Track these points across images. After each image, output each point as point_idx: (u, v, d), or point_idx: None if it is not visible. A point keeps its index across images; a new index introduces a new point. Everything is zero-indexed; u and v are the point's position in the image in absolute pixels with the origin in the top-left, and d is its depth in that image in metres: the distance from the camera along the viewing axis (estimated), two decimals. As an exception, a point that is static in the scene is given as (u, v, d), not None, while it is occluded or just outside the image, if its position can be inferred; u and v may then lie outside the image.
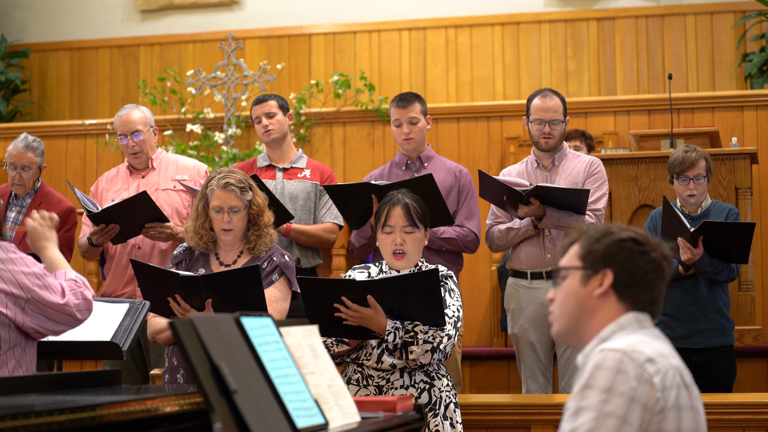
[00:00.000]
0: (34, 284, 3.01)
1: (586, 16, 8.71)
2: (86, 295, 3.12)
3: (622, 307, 2.11)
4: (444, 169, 4.82)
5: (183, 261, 4.03)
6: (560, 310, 2.16)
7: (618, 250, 2.11)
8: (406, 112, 4.78)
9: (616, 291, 2.11)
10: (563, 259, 2.19)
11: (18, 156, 5.27)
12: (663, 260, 2.13)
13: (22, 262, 3.03)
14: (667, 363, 2.01)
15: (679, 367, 2.05)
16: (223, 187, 3.91)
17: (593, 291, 2.11)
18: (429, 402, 3.60)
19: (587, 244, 2.14)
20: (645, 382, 1.95)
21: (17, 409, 2.07)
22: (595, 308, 2.11)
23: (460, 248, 4.71)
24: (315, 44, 9.05)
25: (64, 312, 3.05)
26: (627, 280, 2.10)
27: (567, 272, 2.15)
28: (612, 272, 2.10)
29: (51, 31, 9.53)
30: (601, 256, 2.11)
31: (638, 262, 2.10)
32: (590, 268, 2.12)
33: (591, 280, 2.12)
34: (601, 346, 2.04)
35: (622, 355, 1.97)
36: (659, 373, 1.98)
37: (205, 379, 2.17)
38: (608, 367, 1.96)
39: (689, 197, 4.69)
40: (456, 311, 3.62)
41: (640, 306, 2.12)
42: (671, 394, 1.98)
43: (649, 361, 1.98)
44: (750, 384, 5.79)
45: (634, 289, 2.10)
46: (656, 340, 2.08)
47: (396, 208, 3.70)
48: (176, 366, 3.93)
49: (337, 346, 3.62)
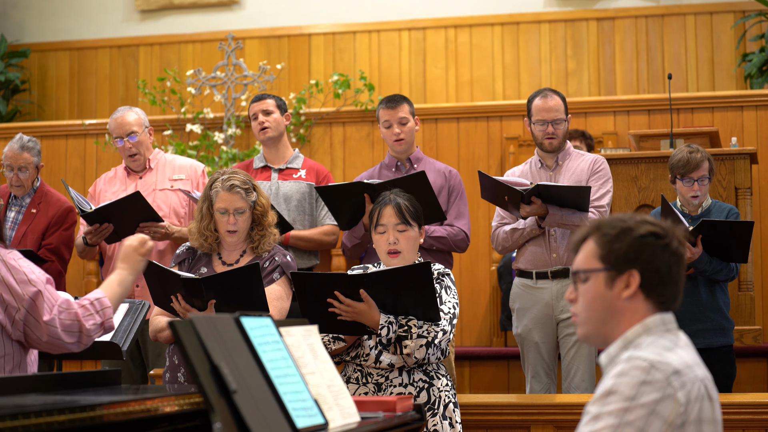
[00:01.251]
0: (27, 293, 2.90)
1: (585, 16, 8.71)
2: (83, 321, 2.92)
3: (649, 306, 2.05)
4: (433, 170, 4.83)
5: (186, 260, 4.04)
6: (586, 314, 2.08)
7: (641, 247, 2.03)
8: (396, 112, 4.81)
9: (644, 291, 2.04)
10: (579, 258, 2.11)
11: (14, 157, 5.26)
12: (681, 247, 2.06)
13: (20, 269, 2.93)
14: (693, 375, 1.96)
15: (705, 378, 2.00)
16: (228, 189, 3.91)
17: (621, 293, 2.04)
18: (428, 401, 3.60)
19: (606, 242, 2.05)
20: (669, 396, 1.91)
21: (17, 409, 2.07)
22: (623, 310, 2.05)
23: (450, 247, 4.72)
24: (315, 44, 9.05)
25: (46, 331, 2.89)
26: (654, 278, 2.03)
27: (588, 274, 2.07)
28: (638, 272, 2.03)
29: (51, 31, 9.53)
30: (624, 255, 2.03)
31: (662, 258, 2.03)
32: (614, 269, 2.04)
33: (617, 281, 2.04)
34: (628, 353, 1.99)
35: (650, 365, 1.92)
36: (684, 387, 1.93)
37: (204, 379, 2.17)
38: (634, 376, 1.92)
39: (692, 198, 4.69)
40: (452, 308, 3.62)
41: (666, 304, 2.06)
42: (694, 407, 1.94)
43: (675, 374, 1.93)
44: (750, 384, 5.79)
45: (661, 287, 2.04)
46: (682, 348, 2.02)
47: (387, 207, 3.71)
48: (177, 365, 3.94)
49: (333, 343, 3.62)
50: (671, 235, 2.05)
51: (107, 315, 2.99)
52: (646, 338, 2.02)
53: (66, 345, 2.95)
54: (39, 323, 2.89)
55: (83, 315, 2.94)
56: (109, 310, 3.00)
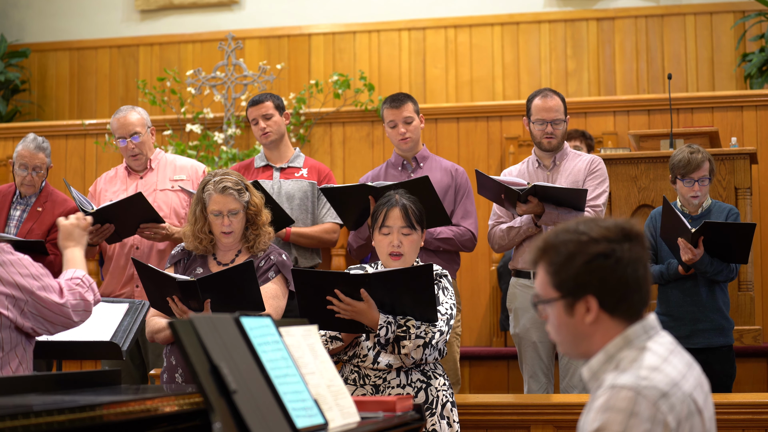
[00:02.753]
0: (33, 285, 3.02)
1: (585, 16, 8.71)
2: (86, 297, 3.12)
3: (618, 322, 1.97)
4: (440, 169, 4.82)
5: (181, 261, 4.03)
6: (558, 337, 2.03)
7: (589, 273, 1.94)
8: (400, 112, 4.80)
9: (606, 310, 1.96)
10: (537, 284, 2.04)
11: (30, 157, 5.26)
12: (636, 248, 1.97)
13: (20, 263, 3.03)
14: (680, 393, 1.90)
15: (692, 391, 1.94)
16: (221, 191, 3.91)
17: (583, 318, 1.97)
18: (426, 401, 3.60)
19: (555, 271, 1.97)
20: (659, 423, 1.84)
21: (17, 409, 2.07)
22: (592, 332, 1.98)
23: (457, 248, 4.72)
24: (315, 44, 9.05)
25: (61, 313, 3.06)
26: (612, 298, 1.95)
27: (548, 303, 2.00)
28: (594, 297, 1.95)
29: (50, 31, 9.53)
30: (575, 283, 1.95)
31: (615, 276, 1.95)
32: (569, 296, 1.96)
33: (575, 307, 1.97)
34: (611, 376, 1.91)
35: (635, 394, 1.84)
36: (673, 409, 1.86)
37: (204, 379, 2.17)
38: (620, 409, 1.84)
39: (693, 198, 4.69)
40: (449, 309, 3.62)
41: (636, 311, 1.99)
42: (685, 428, 1.88)
43: (663, 398, 1.86)
44: (749, 384, 5.79)
45: (624, 302, 1.96)
46: (667, 358, 1.95)
47: (394, 209, 3.69)
48: (174, 365, 3.94)
49: (331, 343, 3.62)
50: (620, 244, 1.95)
51: (95, 289, 3.18)
52: (629, 352, 1.95)
53: (72, 324, 3.12)
54: (52, 308, 3.04)
55: (84, 292, 3.12)
56: (94, 284, 3.20)
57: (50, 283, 3.07)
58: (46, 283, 3.05)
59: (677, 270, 4.62)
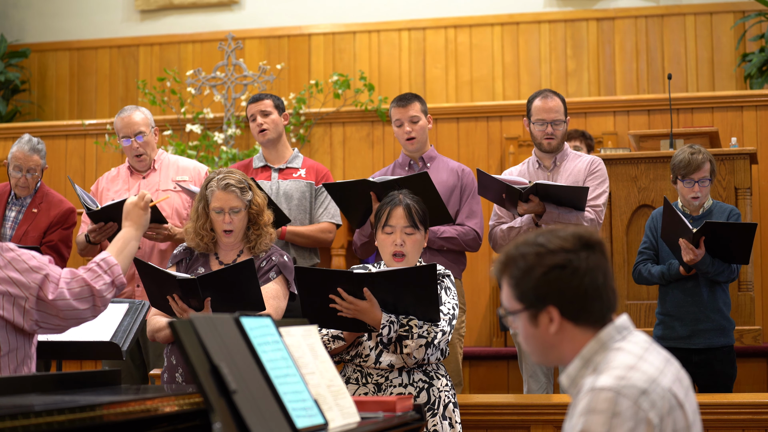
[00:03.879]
0: (32, 280, 2.92)
1: (585, 17, 8.71)
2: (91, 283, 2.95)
3: (584, 329, 1.99)
4: (447, 169, 4.82)
5: (183, 260, 4.04)
6: (529, 348, 2.06)
7: (547, 285, 1.98)
8: (407, 111, 4.79)
9: (570, 319, 1.98)
10: (502, 296, 2.08)
11: (24, 158, 5.26)
12: (594, 256, 1.99)
13: (20, 259, 2.95)
14: (660, 389, 1.91)
15: (672, 385, 1.94)
16: (223, 188, 3.92)
17: (547, 328, 2.00)
18: (428, 401, 3.60)
19: (516, 283, 2.01)
20: (641, 420, 1.85)
21: (17, 409, 2.07)
22: (559, 341, 2.01)
23: (461, 247, 4.71)
24: (314, 44, 9.05)
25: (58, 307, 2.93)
26: (572, 307, 1.98)
27: (514, 314, 2.03)
28: (555, 307, 1.98)
29: (50, 31, 9.53)
30: (534, 294, 1.99)
31: (573, 285, 1.97)
32: (532, 307, 2.00)
33: (539, 318, 2.00)
34: (590, 380, 1.93)
35: (615, 394, 1.86)
36: (655, 406, 1.88)
37: (204, 379, 2.17)
38: (602, 410, 1.85)
39: (693, 199, 4.69)
40: (451, 309, 3.62)
41: (600, 317, 2.00)
42: (668, 423, 1.89)
43: (643, 395, 1.87)
44: (750, 384, 5.79)
45: (585, 311, 1.98)
46: (643, 356, 1.96)
47: (398, 208, 3.69)
48: (175, 365, 3.94)
49: (333, 342, 3.62)
50: (576, 254, 1.98)
51: (116, 272, 3.01)
52: (604, 354, 1.97)
53: (82, 313, 2.96)
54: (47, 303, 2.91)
55: (91, 278, 2.97)
56: (117, 267, 3.02)
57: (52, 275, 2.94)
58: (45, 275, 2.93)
59: (678, 270, 4.62)
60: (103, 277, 2.99)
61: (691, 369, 4.65)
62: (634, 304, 5.55)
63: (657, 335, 4.73)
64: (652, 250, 4.79)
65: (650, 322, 5.17)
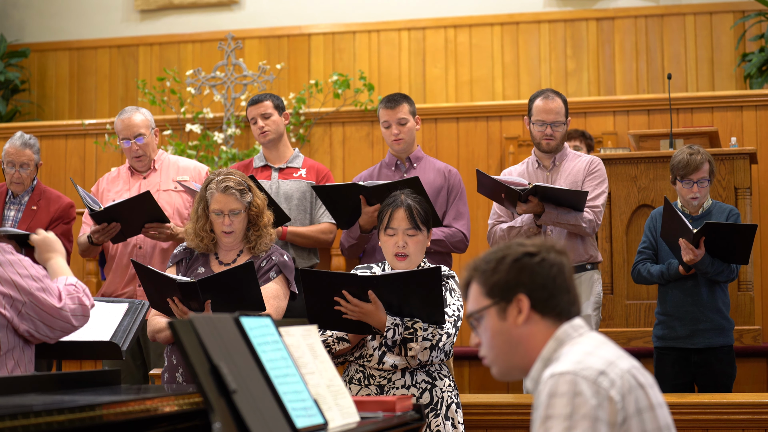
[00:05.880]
0: (32, 287, 2.97)
1: (585, 16, 8.71)
2: (83, 301, 3.08)
3: (549, 322, 2.04)
4: (433, 170, 4.83)
5: (183, 260, 4.04)
6: (492, 353, 2.09)
7: (519, 270, 2.04)
8: (395, 113, 4.80)
9: (537, 309, 2.04)
10: (469, 303, 2.12)
11: (16, 153, 5.30)
12: (561, 257, 2.07)
13: (20, 264, 2.99)
14: (618, 370, 1.95)
15: (630, 368, 1.99)
16: (222, 190, 3.92)
17: (515, 320, 2.04)
18: (430, 402, 3.60)
19: (486, 278, 2.06)
20: (603, 398, 1.90)
21: (17, 409, 2.07)
22: (524, 335, 2.05)
23: (448, 249, 4.72)
24: (314, 44, 9.05)
25: (60, 317, 3.01)
26: (542, 294, 2.03)
27: (481, 314, 2.07)
28: (525, 294, 2.03)
29: (50, 30, 9.52)
30: (506, 283, 2.04)
31: (543, 273, 2.04)
32: (502, 300, 2.05)
33: (508, 311, 2.04)
34: (548, 371, 1.97)
35: (573, 376, 1.91)
36: (614, 384, 1.92)
37: (204, 379, 2.17)
38: (563, 393, 1.90)
39: (692, 199, 4.69)
40: (456, 310, 3.62)
41: (565, 313, 2.05)
42: (630, 401, 1.93)
43: (601, 375, 1.92)
44: (749, 384, 5.79)
45: (552, 299, 2.04)
46: (599, 346, 2.01)
47: (399, 210, 3.69)
48: (175, 365, 3.94)
49: (338, 344, 3.62)
50: (545, 248, 2.06)
51: (89, 294, 3.15)
52: (562, 350, 2.02)
53: (72, 328, 3.09)
54: (51, 311, 2.99)
55: (82, 297, 3.09)
56: (87, 289, 3.16)
57: (50, 285, 3.02)
58: (46, 285, 3.01)
59: (678, 270, 4.62)
60: (86, 298, 3.11)
61: (690, 369, 4.66)
62: (633, 304, 5.55)
63: (657, 335, 4.73)
64: (652, 249, 4.79)
65: (650, 322, 5.17)
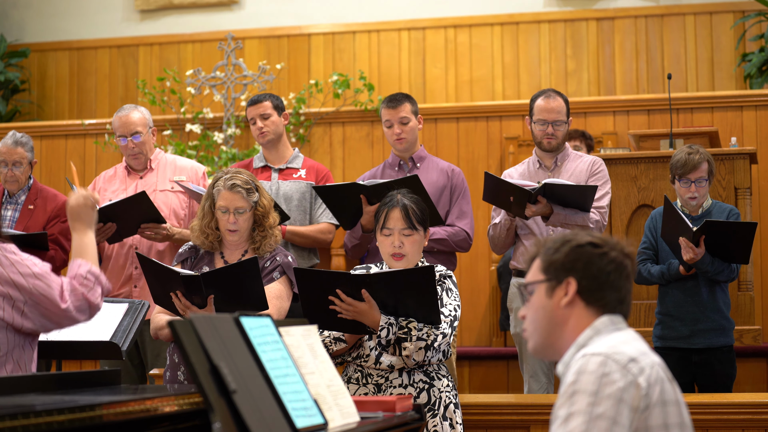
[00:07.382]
0: (33, 286, 2.94)
1: (585, 16, 8.71)
2: (89, 297, 3.02)
3: (592, 312, 2.11)
4: (436, 169, 4.82)
5: (188, 259, 4.06)
6: (533, 326, 2.16)
7: (577, 256, 2.11)
8: (397, 112, 4.80)
9: (583, 297, 2.11)
10: (528, 275, 2.19)
11: (8, 152, 5.33)
12: (624, 258, 2.12)
13: (22, 263, 2.96)
14: (649, 360, 2.01)
15: (660, 363, 2.05)
16: (229, 188, 3.94)
17: (560, 301, 2.11)
18: (428, 402, 3.60)
19: (547, 255, 2.15)
20: (630, 383, 1.96)
21: (17, 409, 2.07)
22: (565, 318, 2.11)
23: (451, 248, 4.71)
24: (314, 44, 9.04)
25: (64, 316, 2.98)
26: (591, 284, 2.10)
27: (533, 287, 2.16)
28: (575, 279, 2.10)
29: (50, 30, 9.52)
30: (562, 264, 2.12)
31: (599, 265, 2.10)
32: (553, 278, 2.13)
33: (556, 290, 2.12)
34: (582, 351, 2.03)
35: (605, 357, 1.98)
36: (643, 372, 1.98)
37: (204, 379, 2.17)
38: (592, 371, 1.96)
39: (690, 199, 4.69)
40: (453, 310, 3.61)
41: (610, 308, 2.11)
42: (655, 390, 1.98)
43: (632, 361, 1.98)
44: (749, 384, 5.79)
45: (600, 292, 2.10)
46: (635, 339, 2.08)
47: (395, 210, 3.68)
48: (177, 363, 3.95)
49: (335, 344, 3.62)
50: (611, 245, 2.13)
51: (103, 281, 3.06)
52: (597, 339, 2.07)
53: (78, 322, 3.05)
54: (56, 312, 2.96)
55: (87, 291, 3.01)
56: (102, 275, 3.08)
57: (53, 283, 2.97)
58: (48, 284, 2.96)
59: (678, 270, 4.62)
60: (96, 288, 3.04)
61: (691, 369, 4.66)
62: (634, 304, 5.54)
63: (657, 335, 4.73)
64: (652, 250, 4.79)
65: (650, 322, 5.17)
